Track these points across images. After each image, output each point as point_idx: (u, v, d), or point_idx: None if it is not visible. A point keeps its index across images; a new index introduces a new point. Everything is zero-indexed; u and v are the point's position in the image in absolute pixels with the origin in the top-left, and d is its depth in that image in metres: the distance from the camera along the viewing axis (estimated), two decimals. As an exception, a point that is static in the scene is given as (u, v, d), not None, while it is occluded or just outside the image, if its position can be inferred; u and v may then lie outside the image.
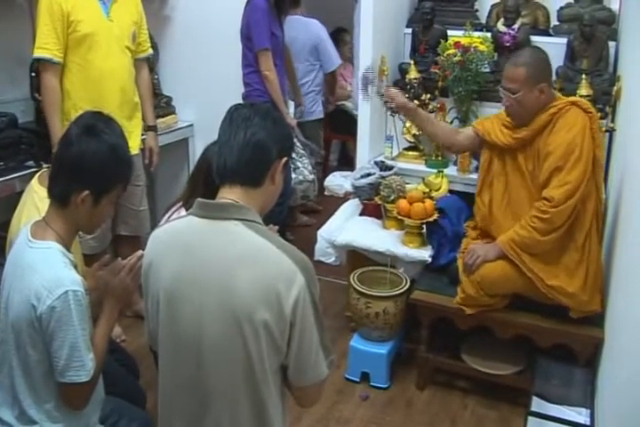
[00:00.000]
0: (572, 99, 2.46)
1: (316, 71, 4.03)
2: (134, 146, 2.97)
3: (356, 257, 3.01)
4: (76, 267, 1.64)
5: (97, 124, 1.67)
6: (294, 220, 4.32)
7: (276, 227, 1.84)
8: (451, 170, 3.15)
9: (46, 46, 2.64)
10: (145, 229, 3.17)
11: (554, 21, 3.28)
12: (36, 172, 2.22)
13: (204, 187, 1.99)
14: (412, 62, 3.27)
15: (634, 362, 1.79)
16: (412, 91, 3.23)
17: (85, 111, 1.88)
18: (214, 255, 1.36)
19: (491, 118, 2.65)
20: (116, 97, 2.82)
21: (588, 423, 2.20)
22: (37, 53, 2.65)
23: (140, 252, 1.68)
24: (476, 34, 3.19)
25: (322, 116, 4.16)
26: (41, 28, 2.64)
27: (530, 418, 2.21)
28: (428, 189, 3.04)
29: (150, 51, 3.10)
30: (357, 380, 2.81)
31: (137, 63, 2.99)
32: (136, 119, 3.00)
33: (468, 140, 2.67)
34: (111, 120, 1.75)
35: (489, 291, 2.48)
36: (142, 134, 3.07)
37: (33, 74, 2.93)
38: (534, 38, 3.17)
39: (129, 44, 2.86)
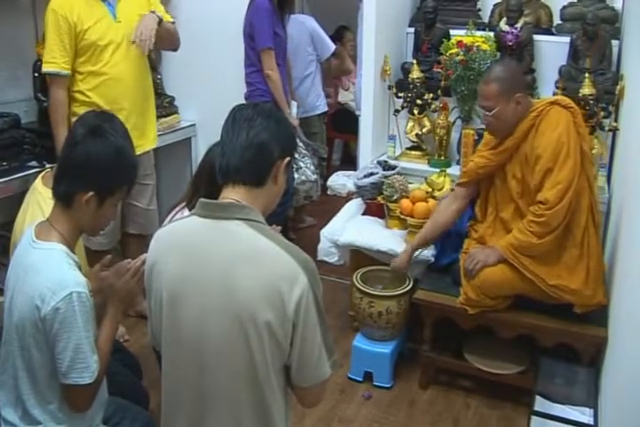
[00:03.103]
0: (550, 99, 2.47)
1: (316, 62, 4.03)
2: (150, 141, 2.97)
3: (359, 257, 3.00)
4: (80, 268, 1.64)
5: (102, 125, 1.67)
6: (301, 221, 4.30)
7: (279, 227, 1.84)
8: (453, 169, 3.15)
9: (53, 60, 2.66)
10: (153, 228, 3.16)
11: (557, 20, 3.27)
12: (40, 172, 2.22)
13: (206, 187, 1.99)
14: (414, 62, 3.27)
15: (637, 361, 1.79)
16: (415, 90, 3.24)
17: (88, 111, 1.88)
18: (216, 255, 1.36)
19: (469, 158, 2.62)
20: (131, 95, 2.83)
21: (591, 423, 2.20)
22: (46, 68, 2.69)
23: (144, 255, 1.68)
24: (479, 33, 3.18)
25: (326, 109, 4.13)
26: (48, 43, 2.67)
27: (533, 418, 2.21)
28: (430, 189, 3.04)
29: (170, 19, 2.96)
30: (360, 379, 2.81)
31: None
32: (151, 114, 3.00)
33: (467, 195, 2.63)
34: (115, 120, 1.75)
35: (490, 294, 2.48)
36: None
37: (36, 74, 2.93)
38: (537, 37, 3.17)
39: None
